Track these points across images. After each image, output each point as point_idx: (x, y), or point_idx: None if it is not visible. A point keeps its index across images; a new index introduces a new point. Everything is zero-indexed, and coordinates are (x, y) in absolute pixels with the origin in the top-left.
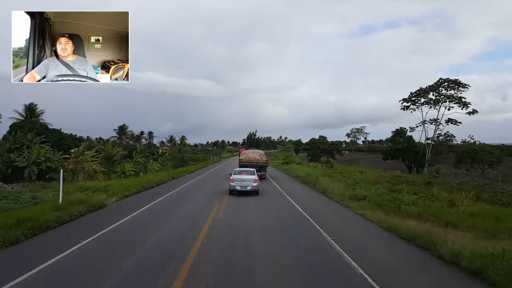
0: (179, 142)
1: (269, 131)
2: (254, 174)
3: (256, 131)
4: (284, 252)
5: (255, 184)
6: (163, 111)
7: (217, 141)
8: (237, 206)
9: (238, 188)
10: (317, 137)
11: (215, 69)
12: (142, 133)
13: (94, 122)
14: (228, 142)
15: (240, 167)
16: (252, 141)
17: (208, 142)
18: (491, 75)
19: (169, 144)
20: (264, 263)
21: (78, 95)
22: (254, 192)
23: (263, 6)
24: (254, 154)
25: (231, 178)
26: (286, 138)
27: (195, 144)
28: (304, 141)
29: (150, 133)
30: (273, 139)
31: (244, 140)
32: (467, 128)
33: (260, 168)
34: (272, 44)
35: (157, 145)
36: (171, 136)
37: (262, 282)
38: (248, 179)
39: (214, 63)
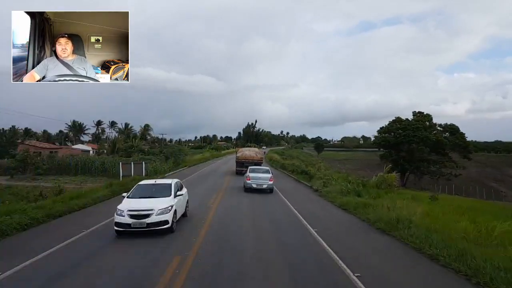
0: (138, 132)
1: (268, 128)
2: (269, 173)
3: (256, 121)
4: None
5: (271, 182)
6: (162, 107)
7: (207, 135)
8: None
9: (254, 186)
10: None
11: (215, 66)
12: (99, 122)
13: (92, 118)
14: (221, 137)
15: (236, 163)
16: (251, 136)
17: (196, 137)
18: (490, 73)
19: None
20: None
21: (74, 90)
22: (268, 190)
23: (265, 1)
24: (250, 152)
25: (247, 176)
26: (288, 133)
27: (179, 140)
28: (309, 137)
29: (113, 123)
30: (274, 135)
31: (239, 133)
32: (466, 126)
33: (255, 165)
34: (273, 40)
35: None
36: (126, 125)
37: None
38: (264, 177)
39: (214, 60)
